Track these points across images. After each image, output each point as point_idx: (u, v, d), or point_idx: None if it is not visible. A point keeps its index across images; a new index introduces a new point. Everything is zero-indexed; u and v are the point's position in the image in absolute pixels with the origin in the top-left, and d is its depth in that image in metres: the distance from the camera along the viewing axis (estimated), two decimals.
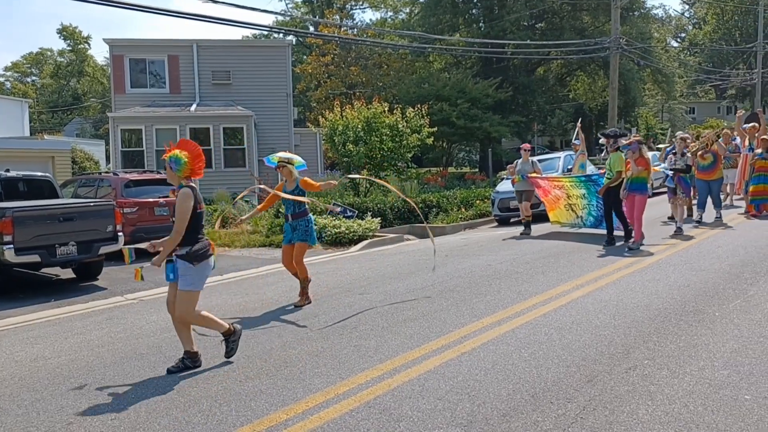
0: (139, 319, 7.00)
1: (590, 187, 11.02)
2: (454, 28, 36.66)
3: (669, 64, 39.82)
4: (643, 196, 9.69)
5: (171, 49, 22.63)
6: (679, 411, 3.82)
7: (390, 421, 3.83)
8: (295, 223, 7.29)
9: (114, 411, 4.21)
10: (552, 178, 12.19)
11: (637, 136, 12.72)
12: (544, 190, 12.18)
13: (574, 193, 11.36)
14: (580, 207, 11.43)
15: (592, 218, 11.28)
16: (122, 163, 20.15)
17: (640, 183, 9.65)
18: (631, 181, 9.65)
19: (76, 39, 68.50)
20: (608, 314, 5.97)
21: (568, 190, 11.49)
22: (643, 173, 9.61)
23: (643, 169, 9.57)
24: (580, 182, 11.27)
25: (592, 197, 11.00)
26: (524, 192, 12.30)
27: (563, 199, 11.69)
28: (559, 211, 12.09)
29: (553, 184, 11.88)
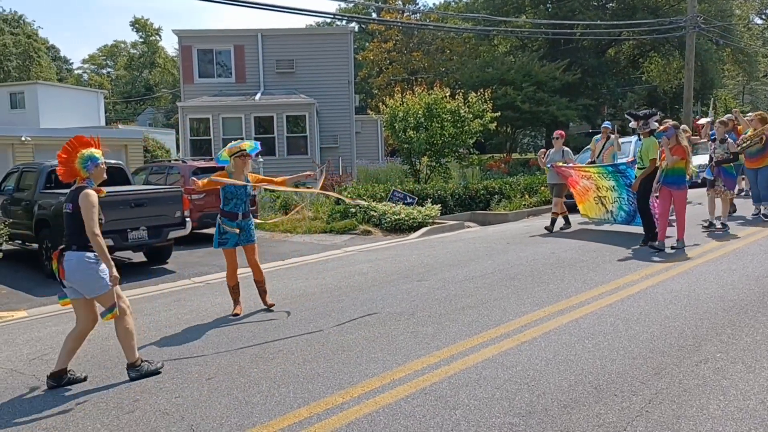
0: (205, 302, 7.20)
1: (618, 178, 9.81)
2: (520, 10, 35.76)
3: (752, 42, 37.56)
4: (682, 191, 8.38)
5: (237, 39, 23.08)
6: (755, 407, 3.60)
7: (446, 409, 3.78)
8: (244, 223, 6.51)
9: (178, 389, 4.35)
10: (579, 168, 11.00)
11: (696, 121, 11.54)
12: (573, 181, 11.11)
13: (603, 184, 10.20)
14: (611, 200, 10.27)
15: (624, 213, 10.06)
16: (191, 151, 20.78)
17: (678, 175, 8.32)
18: (666, 172, 8.35)
19: (147, 31, 71.06)
20: (679, 305, 5.70)
21: (596, 181, 10.34)
22: (681, 163, 8.28)
23: (680, 159, 8.23)
24: (608, 173, 10.05)
25: (622, 190, 9.81)
26: (555, 186, 11.20)
27: (592, 190, 10.60)
28: (588, 204, 11.05)
29: (581, 174, 10.76)
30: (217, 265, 9.73)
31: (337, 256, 10.13)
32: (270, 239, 12.72)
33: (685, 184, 8.44)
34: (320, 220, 14.13)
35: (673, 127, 8.33)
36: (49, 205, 9.55)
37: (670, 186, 8.33)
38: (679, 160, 8.25)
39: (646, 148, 8.74)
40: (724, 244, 8.60)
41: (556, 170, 11.02)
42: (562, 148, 11.19)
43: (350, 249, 10.73)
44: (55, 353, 5.34)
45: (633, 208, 9.57)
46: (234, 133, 21.22)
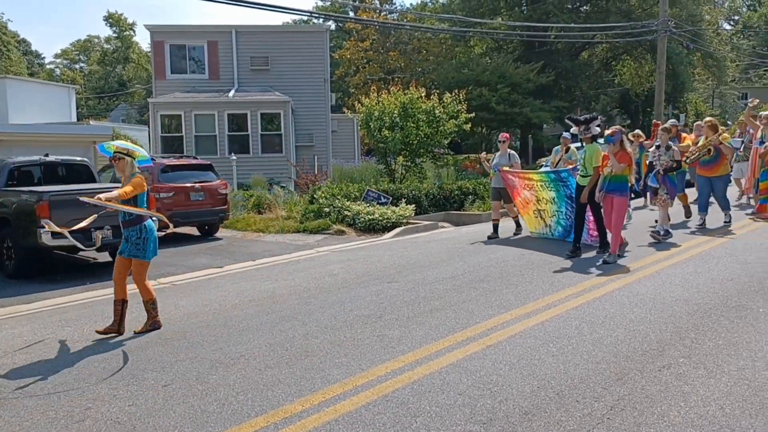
0: (169, 304, 7.03)
1: (560, 188, 9.40)
2: (496, 12, 35.93)
3: (720, 47, 38.24)
4: (623, 199, 7.98)
5: (210, 35, 22.78)
6: (714, 413, 3.60)
7: (406, 416, 3.71)
8: (127, 233, 5.83)
9: (132, 397, 4.21)
10: (523, 174, 10.34)
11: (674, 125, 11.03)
12: (516, 191, 10.48)
13: (544, 196, 9.78)
14: (549, 214, 9.92)
15: (561, 228, 9.75)
16: (162, 148, 20.45)
17: (621, 182, 7.92)
18: (610, 179, 7.92)
19: (121, 26, 69.91)
20: (644, 308, 5.72)
21: (537, 192, 9.89)
22: (626, 171, 7.90)
23: (625, 166, 7.85)
24: (550, 181, 9.63)
25: (562, 202, 9.47)
26: (501, 190, 10.62)
27: (533, 203, 10.16)
28: (528, 217, 10.55)
29: (524, 182, 10.17)
30: (185, 266, 9.57)
31: (309, 256, 10.01)
32: (242, 239, 12.57)
33: (627, 192, 8.08)
34: (293, 219, 14.00)
35: (620, 132, 7.98)
36: (11, 203, 9.29)
37: (613, 193, 7.94)
38: (625, 167, 7.86)
39: (589, 156, 8.25)
40: (672, 253, 8.68)
41: (502, 175, 10.48)
42: (508, 151, 10.64)
43: (323, 249, 10.62)
44: (8, 359, 5.17)
45: (570, 222, 9.27)
46: (207, 130, 20.95)
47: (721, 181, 10.15)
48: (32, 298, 7.77)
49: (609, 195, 7.99)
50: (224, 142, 20.90)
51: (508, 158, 10.54)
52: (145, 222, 5.86)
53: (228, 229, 13.78)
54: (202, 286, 8.00)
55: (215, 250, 11.19)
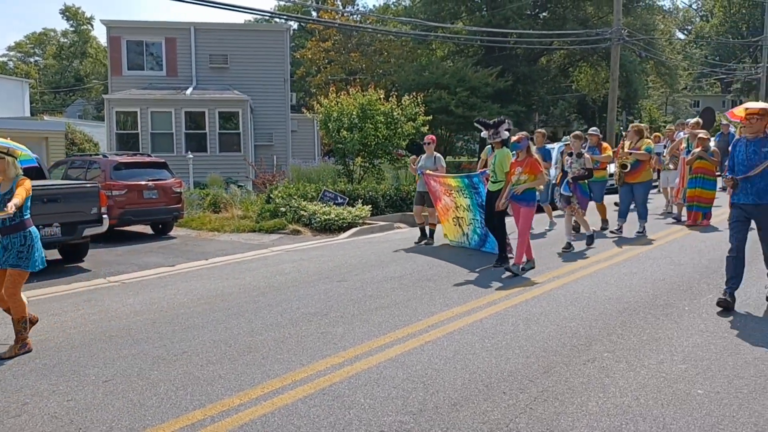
0: (116, 302, 7.03)
1: (473, 195, 9.05)
2: (456, 16, 36.38)
3: (673, 56, 39.51)
4: (530, 208, 7.64)
5: (169, 32, 22.54)
6: (629, 404, 3.84)
7: (341, 408, 3.85)
8: (8, 241, 5.18)
9: (71, 392, 4.25)
10: (443, 180, 9.78)
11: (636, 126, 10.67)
12: (437, 196, 10.04)
13: (461, 203, 9.41)
14: (467, 222, 9.50)
15: (477, 237, 9.39)
16: (117, 145, 20.15)
17: (528, 191, 7.61)
18: (516, 188, 7.61)
19: (78, 19, 68.32)
20: (578, 306, 5.98)
21: (456, 199, 9.50)
22: (530, 178, 7.60)
23: (531, 175, 7.56)
24: (464, 187, 9.22)
25: (476, 210, 9.09)
26: (425, 194, 10.27)
27: (452, 210, 9.78)
28: (448, 224, 10.12)
29: (443, 187, 9.76)
30: (136, 264, 9.52)
31: (262, 255, 10.06)
32: (196, 238, 12.52)
33: (534, 202, 7.73)
34: (249, 219, 13.99)
35: (526, 138, 7.73)
36: None
37: (519, 202, 7.64)
38: (530, 176, 7.56)
39: (500, 161, 7.89)
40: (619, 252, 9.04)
41: (425, 179, 10.11)
42: (434, 154, 10.30)
43: (277, 249, 10.68)
44: None
45: (485, 231, 9.01)
46: (164, 127, 20.72)
47: (642, 186, 10.04)
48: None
49: (515, 203, 7.71)
50: (181, 140, 20.70)
51: (433, 161, 10.23)
52: (30, 228, 5.32)
53: (182, 227, 13.70)
54: (152, 285, 7.99)
55: (168, 249, 11.14)
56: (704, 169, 10.58)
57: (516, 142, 7.68)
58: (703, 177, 10.59)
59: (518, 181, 7.55)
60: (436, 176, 9.93)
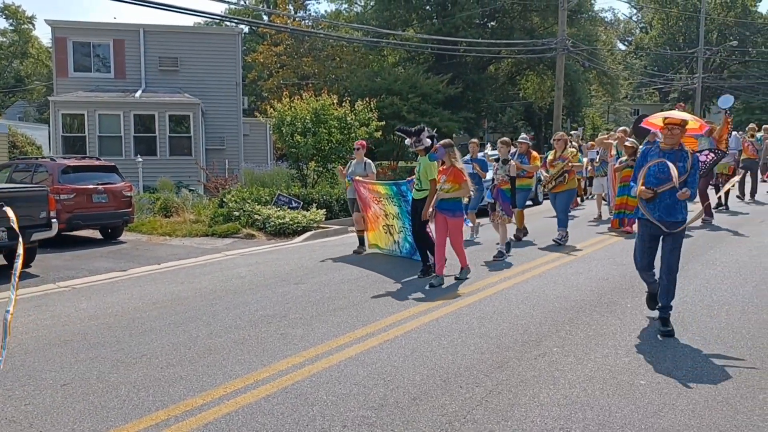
0: (68, 307, 6.91)
1: (401, 203, 8.80)
2: (408, 23, 36.88)
3: (614, 66, 41.02)
4: (457, 219, 7.40)
5: (117, 33, 22.07)
6: (578, 394, 4.07)
7: (304, 405, 3.95)
8: None
9: (28, 397, 4.21)
10: (372, 186, 9.44)
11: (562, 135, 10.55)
12: (366, 204, 9.68)
13: (390, 210, 9.16)
14: (397, 229, 9.29)
15: (408, 245, 9.11)
16: (63, 148, 19.59)
17: (452, 200, 7.32)
18: (441, 197, 7.36)
19: (19, 18, 65.79)
20: (529, 305, 6.24)
21: (385, 206, 9.24)
22: (454, 188, 7.27)
23: (455, 186, 7.25)
24: (393, 194, 8.98)
25: (405, 218, 8.87)
26: (356, 201, 9.98)
27: (382, 217, 9.50)
28: (378, 232, 9.81)
29: (372, 195, 9.47)
30: (86, 269, 9.34)
31: (216, 260, 10.01)
32: (147, 242, 12.33)
33: (461, 212, 7.50)
34: (202, 223, 13.85)
35: (443, 146, 7.37)
36: None
37: (445, 212, 7.36)
38: (453, 185, 7.25)
39: (424, 169, 7.69)
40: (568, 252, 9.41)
41: (354, 185, 9.77)
42: (364, 160, 9.93)
43: (231, 253, 10.63)
44: None
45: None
46: (112, 130, 20.26)
47: (565, 195, 10.01)
48: None
49: (441, 213, 7.41)
50: (130, 143, 20.29)
51: (363, 167, 9.84)
52: None
53: (132, 232, 13.45)
54: (104, 289, 7.87)
55: (118, 254, 10.94)
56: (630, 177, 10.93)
57: (432, 152, 7.52)
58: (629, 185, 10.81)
59: (442, 190, 7.32)
60: (366, 183, 9.56)
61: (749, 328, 5.43)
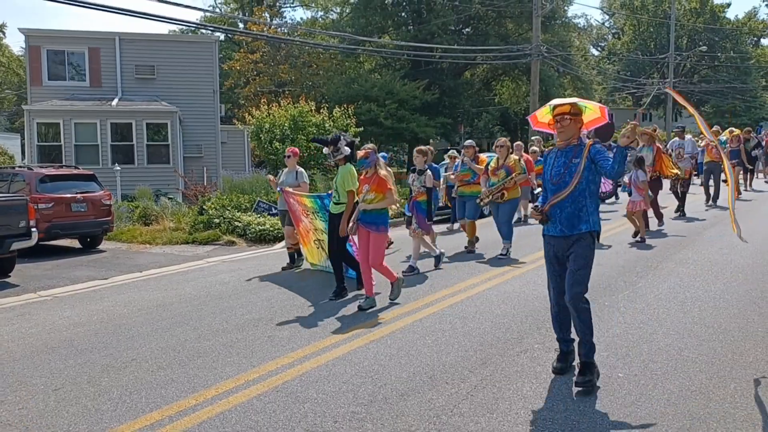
0: (52, 315, 6.91)
1: (325, 215, 7.93)
2: (383, 30, 37.16)
3: (588, 71, 41.76)
4: (381, 234, 6.60)
5: (92, 42, 21.91)
6: (559, 388, 4.23)
7: (296, 403, 4.06)
8: None
9: (21, 402, 4.24)
10: (300, 198, 8.62)
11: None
12: (297, 217, 8.78)
13: (318, 225, 8.44)
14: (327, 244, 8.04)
15: None
16: (38, 157, 19.38)
17: (376, 212, 6.56)
18: (364, 209, 6.62)
19: None
20: (509, 305, 6.41)
21: (313, 220, 8.54)
22: (378, 197, 6.53)
23: (379, 195, 6.51)
24: (318, 208, 8.32)
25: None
26: (287, 213, 9.02)
27: (311, 232, 8.72)
28: (310, 247, 8.91)
29: (301, 207, 8.68)
30: (67, 278, 9.31)
31: (198, 266, 10.03)
32: (127, 250, 12.29)
33: (386, 225, 6.71)
34: (182, 231, 13.83)
35: (372, 153, 6.69)
36: None
37: (368, 226, 6.59)
38: (379, 196, 6.53)
39: (341, 179, 6.93)
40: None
41: (285, 197, 8.87)
42: (296, 168, 9.11)
43: (213, 260, 10.66)
44: None
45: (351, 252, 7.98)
46: (88, 139, 20.11)
47: (507, 205, 9.28)
48: None
49: (363, 227, 6.65)
50: (107, 152, 20.14)
51: (295, 177, 9.01)
52: None
53: (112, 241, 13.39)
54: (87, 297, 7.87)
55: (99, 263, 10.91)
56: None
57: (363, 158, 6.67)
58: None
59: (365, 200, 6.54)
60: (295, 195, 8.69)
61: (720, 323, 5.65)
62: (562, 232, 4.31)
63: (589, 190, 4.29)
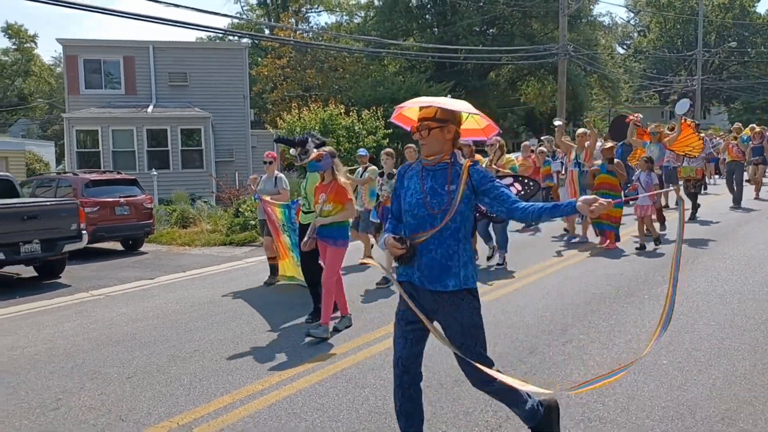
0: (110, 312, 7.25)
1: (291, 232, 7.47)
2: (408, 33, 37.40)
3: (614, 69, 41.50)
4: (338, 248, 5.67)
5: (126, 51, 22.51)
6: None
7: (356, 388, 4.30)
8: None
9: (99, 388, 4.55)
10: (273, 207, 7.76)
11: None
12: (276, 227, 7.82)
13: (286, 241, 7.71)
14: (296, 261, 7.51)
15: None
16: (77, 163, 19.99)
17: (336, 227, 5.64)
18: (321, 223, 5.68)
19: (21, 37, 66.53)
20: (550, 299, 6.58)
21: (282, 234, 7.75)
22: (337, 208, 5.60)
23: (337, 204, 5.60)
24: (285, 218, 7.61)
25: (296, 249, 7.16)
26: (266, 222, 8.16)
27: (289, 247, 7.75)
28: (289, 260, 7.85)
29: (275, 218, 7.80)
30: (115, 278, 9.68)
31: (239, 266, 10.34)
32: (168, 252, 12.68)
33: (346, 239, 5.78)
34: (219, 232, 14.19)
35: (329, 155, 5.75)
36: None
37: (325, 240, 5.65)
38: (337, 206, 5.60)
39: (312, 184, 6.14)
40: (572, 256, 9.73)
41: (263, 205, 8.03)
42: (275, 174, 8.34)
43: (251, 260, 10.96)
44: None
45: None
46: (125, 145, 20.67)
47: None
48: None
49: (322, 241, 5.72)
50: (143, 157, 20.70)
51: (274, 184, 8.25)
52: None
53: (152, 243, 13.80)
54: (138, 296, 8.21)
55: (142, 264, 11.30)
56: (608, 184, 9.51)
57: (315, 160, 5.75)
58: (606, 193, 9.16)
59: (322, 212, 5.65)
60: (271, 204, 7.84)
61: (761, 314, 5.76)
62: (422, 283, 3.11)
63: (463, 230, 3.08)
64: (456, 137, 3.11)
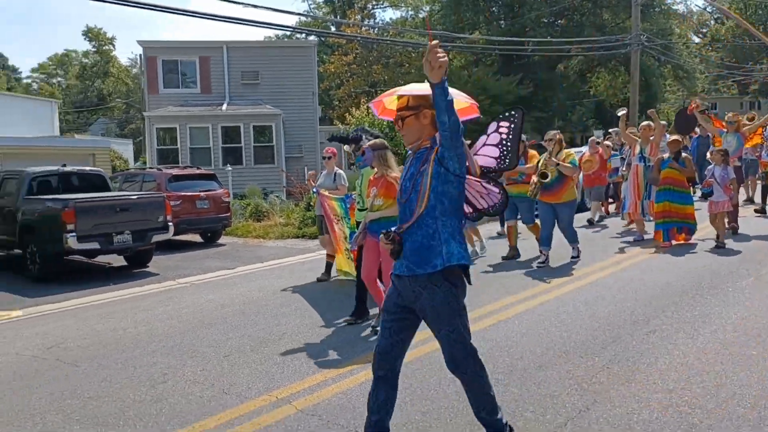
0: (197, 298, 7.67)
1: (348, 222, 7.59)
2: (475, 26, 37.09)
3: (690, 59, 39.87)
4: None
5: (202, 51, 23.43)
6: (692, 362, 4.39)
7: (441, 371, 4.41)
8: None
9: (200, 365, 4.88)
10: (332, 203, 7.82)
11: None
12: (332, 222, 7.75)
13: (346, 232, 7.67)
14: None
15: None
16: (157, 160, 20.98)
17: (386, 221, 5.23)
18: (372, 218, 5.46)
19: (100, 40, 70.01)
20: (629, 291, 6.53)
21: (342, 228, 7.75)
22: (387, 204, 5.34)
23: (387, 199, 5.34)
24: (343, 211, 7.75)
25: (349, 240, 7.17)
26: (322, 218, 8.16)
27: (343, 241, 7.75)
28: (342, 256, 7.92)
29: (334, 211, 7.82)
30: (198, 268, 10.18)
31: (314, 258, 10.64)
32: (244, 244, 13.19)
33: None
34: (292, 226, 14.63)
35: (372, 148, 5.47)
36: (34, 211, 9.83)
37: (375, 235, 5.23)
38: (389, 201, 5.30)
39: (366, 180, 5.95)
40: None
41: (321, 200, 7.97)
42: (335, 170, 8.29)
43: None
44: (69, 343, 5.79)
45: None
46: (201, 142, 21.55)
47: (567, 207, 8.33)
48: (61, 297, 8.24)
49: (372, 237, 5.41)
50: (218, 153, 21.52)
51: (333, 179, 8.21)
52: None
53: (228, 236, 14.37)
54: (222, 284, 8.63)
55: (222, 254, 11.81)
56: (673, 179, 8.95)
57: (360, 155, 5.68)
58: (672, 189, 8.88)
59: (372, 207, 5.46)
60: (328, 198, 7.87)
61: None
62: (410, 270, 3.03)
63: (440, 207, 3.00)
64: (433, 121, 3.02)
